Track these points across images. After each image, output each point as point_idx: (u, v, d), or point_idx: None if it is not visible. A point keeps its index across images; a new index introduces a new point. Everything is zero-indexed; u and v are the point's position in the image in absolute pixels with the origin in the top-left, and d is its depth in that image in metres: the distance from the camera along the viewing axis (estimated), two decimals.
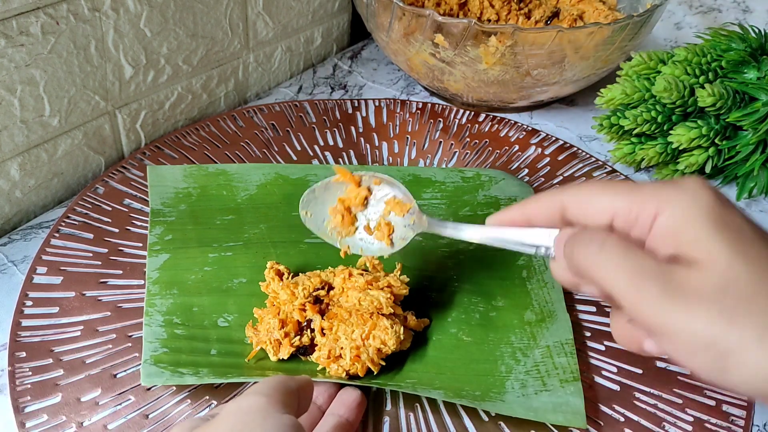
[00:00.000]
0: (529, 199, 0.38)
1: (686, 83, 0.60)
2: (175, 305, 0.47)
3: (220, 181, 0.57)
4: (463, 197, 0.58)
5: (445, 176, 0.60)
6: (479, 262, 0.53)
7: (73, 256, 0.51)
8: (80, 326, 0.47)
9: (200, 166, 0.59)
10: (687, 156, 0.62)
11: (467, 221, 0.55)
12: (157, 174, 0.57)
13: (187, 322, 0.47)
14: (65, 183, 0.59)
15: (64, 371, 0.44)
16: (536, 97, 0.69)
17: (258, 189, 0.57)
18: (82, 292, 0.49)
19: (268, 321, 0.45)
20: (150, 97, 0.62)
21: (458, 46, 0.62)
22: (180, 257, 0.51)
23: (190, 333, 0.46)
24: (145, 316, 0.46)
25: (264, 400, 0.31)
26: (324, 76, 0.77)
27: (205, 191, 0.56)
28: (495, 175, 0.61)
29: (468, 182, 0.60)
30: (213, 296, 0.49)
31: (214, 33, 0.65)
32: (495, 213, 0.39)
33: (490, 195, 0.59)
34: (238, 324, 0.47)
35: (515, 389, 0.44)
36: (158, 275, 0.49)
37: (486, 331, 0.48)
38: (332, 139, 0.65)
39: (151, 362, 0.43)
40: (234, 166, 0.59)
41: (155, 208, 0.54)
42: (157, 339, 0.45)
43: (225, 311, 0.48)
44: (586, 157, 0.64)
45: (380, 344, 0.44)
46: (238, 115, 0.66)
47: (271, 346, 0.45)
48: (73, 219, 0.54)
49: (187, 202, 0.55)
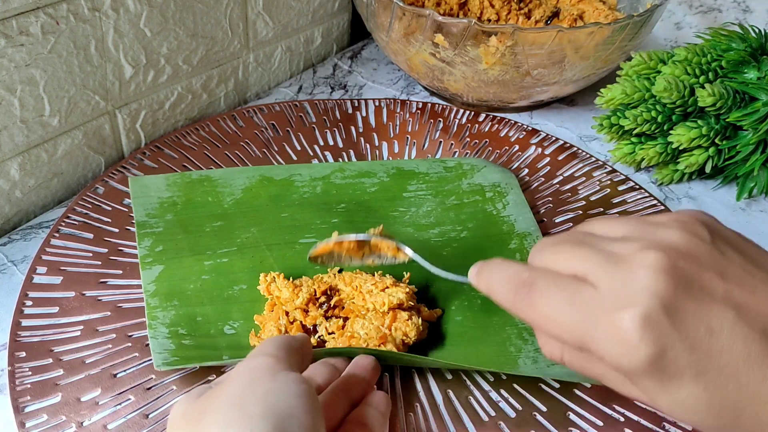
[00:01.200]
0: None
1: (686, 83, 0.60)
2: (177, 316, 0.47)
3: (205, 187, 0.57)
4: (448, 187, 0.59)
5: (428, 167, 0.61)
6: (473, 249, 0.54)
7: (73, 256, 0.51)
8: (80, 326, 0.47)
9: (183, 174, 0.58)
10: (687, 156, 0.62)
11: (454, 209, 0.57)
12: (138, 185, 0.56)
13: (193, 332, 0.46)
14: (65, 183, 0.59)
15: (64, 371, 0.44)
16: (536, 97, 0.69)
17: (243, 193, 0.57)
18: (82, 291, 0.49)
19: (270, 328, 0.45)
20: (150, 97, 0.62)
21: (458, 46, 0.62)
22: (175, 267, 0.50)
23: (198, 342, 0.46)
24: (149, 329, 0.46)
25: (271, 360, 0.31)
26: (324, 76, 0.77)
27: (190, 199, 0.56)
28: (476, 163, 0.62)
29: (450, 171, 0.60)
30: (215, 305, 0.48)
31: (214, 33, 0.65)
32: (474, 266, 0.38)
33: (474, 183, 0.59)
34: (245, 330, 0.47)
35: (528, 365, 0.45)
36: (155, 287, 0.49)
37: (489, 315, 0.48)
38: (332, 139, 0.65)
39: (164, 367, 0.44)
40: (217, 171, 0.59)
41: (141, 220, 0.53)
42: (165, 350, 0.45)
43: (230, 318, 0.48)
44: (586, 156, 0.64)
45: (402, 336, 0.45)
46: (238, 115, 0.66)
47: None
48: (73, 219, 0.54)
49: (173, 211, 0.55)
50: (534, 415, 0.44)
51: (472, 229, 0.55)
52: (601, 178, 0.62)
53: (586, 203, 0.60)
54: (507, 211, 0.57)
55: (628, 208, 0.59)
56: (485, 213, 0.57)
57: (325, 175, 0.59)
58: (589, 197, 0.60)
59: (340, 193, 0.58)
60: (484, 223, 0.56)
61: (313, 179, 0.59)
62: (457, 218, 0.56)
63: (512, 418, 0.43)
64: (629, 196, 0.60)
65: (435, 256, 0.52)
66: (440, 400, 0.44)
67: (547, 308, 0.31)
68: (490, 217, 0.56)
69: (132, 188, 0.56)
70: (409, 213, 0.57)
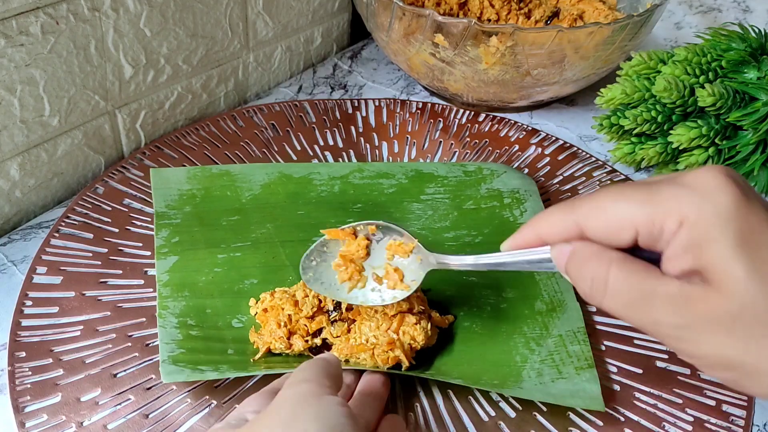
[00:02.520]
0: (539, 217, 0.36)
1: (686, 83, 0.60)
2: (188, 307, 0.47)
3: (224, 181, 0.57)
4: (466, 191, 0.59)
5: (447, 171, 0.61)
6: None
7: (72, 256, 0.51)
8: (80, 326, 0.47)
9: (203, 168, 0.59)
10: (687, 156, 0.62)
11: (471, 214, 0.56)
12: (160, 176, 0.57)
13: (201, 323, 0.47)
14: (65, 183, 0.59)
15: (64, 371, 0.44)
16: (536, 96, 0.69)
17: (262, 189, 0.57)
18: (81, 292, 0.49)
19: (272, 327, 0.45)
20: (150, 96, 0.62)
21: (458, 46, 0.63)
22: (189, 259, 0.51)
23: (205, 334, 0.46)
24: (159, 318, 0.46)
25: (314, 386, 0.34)
26: (324, 76, 0.77)
27: (209, 192, 0.56)
28: (496, 168, 0.61)
29: (470, 176, 0.60)
30: (225, 298, 0.49)
31: (214, 33, 0.65)
32: (508, 238, 0.38)
33: (492, 188, 0.59)
34: (252, 325, 0.47)
35: (532, 378, 0.45)
36: (168, 278, 0.49)
37: (498, 322, 0.48)
38: (332, 139, 0.65)
39: (169, 362, 0.43)
40: (237, 166, 0.59)
41: (160, 211, 0.54)
42: (173, 340, 0.45)
43: (239, 312, 0.48)
44: (586, 156, 0.64)
45: (410, 340, 0.44)
46: (238, 114, 0.67)
47: (280, 343, 0.45)
48: (73, 219, 0.54)
49: (191, 203, 0.55)
50: (534, 415, 0.44)
51: (488, 234, 0.55)
52: (601, 178, 0.62)
53: None
54: (524, 218, 0.57)
55: None
56: (502, 219, 0.57)
57: (344, 175, 0.59)
58: None
59: (357, 193, 0.58)
60: (500, 229, 0.55)
61: (331, 178, 0.59)
62: (473, 223, 0.56)
63: (512, 418, 0.43)
64: None
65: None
66: (440, 400, 0.44)
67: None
68: (506, 224, 0.56)
69: (153, 179, 0.57)
70: (425, 216, 0.56)
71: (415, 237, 0.45)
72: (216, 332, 0.46)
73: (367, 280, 0.45)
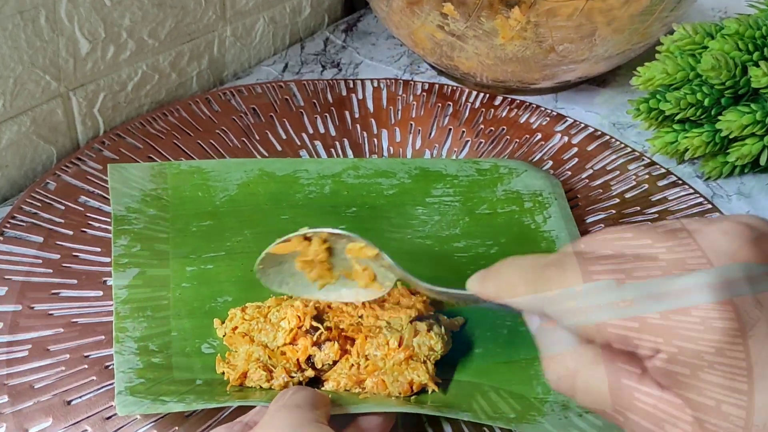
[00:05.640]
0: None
1: (737, 61, 0.60)
2: (150, 330, 0.47)
3: (195, 180, 0.57)
4: (480, 193, 0.59)
5: (457, 169, 0.60)
6: None
7: (19, 263, 0.51)
8: (28, 345, 0.47)
9: (171, 164, 0.58)
10: (738, 146, 0.62)
11: (485, 220, 0.57)
12: (119, 173, 0.56)
13: (165, 349, 0.46)
14: (10, 178, 0.59)
15: (9, 397, 0.44)
16: (562, 76, 0.69)
17: (239, 189, 0.57)
18: (30, 305, 0.49)
19: (244, 355, 0.45)
20: (110, 76, 0.62)
21: (471, 16, 0.63)
22: (152, 272, 0.50)
23: (169, 362, 0.46)
24: (116, 342, 0.46)
25: (306, 411, 0.36)
26: (314, 53, 0.77)
27: (177, 193, 0.56)
28: (515, 166, 0.61)
29: (484, 175, 0.60)
30: (194, 319, 0.48)
31: (185, 2, 0.65)
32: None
33: (511, 190, 0.59)
34: (226, 351, 0.47)
35: (556, 411, 0.44)
36: (127, 294, 0.49)
37: (516, 348, 0.48)
38: (323, 127, 0.65)
39: (126, 393, 0.43)
40: (210, 162, 0.59)
41: (119, 215, 0.54)
42: (131, 369, 0.44)
43: (210, 336, 0.47)
44: (621, 147, 0.64)
45: (428, 351, 0.44)
46: (213, 97, 0.67)
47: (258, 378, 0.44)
48: (20, 219, 0.54)
49: (156, 206, 0.55)
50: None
51: (505, 244, 0.55)
52: (637, 172, 0.62)
53: (620, 201, 0.60)
54: (548, 225, 0.56)
55: (669, 207, 0.59)
56: (522, 226, 0.56)
57: (336, 173, 0.59)
58: (624, 194, 0.60)
59: (351, 195, 0.58)
60: (519, 238, 0.55)
61: (321, 177, 0.59)
62: (487, 231, 0.56)
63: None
64: (670, 192, 0.60)
65: (457, 275, 0.52)
66: None
67: None
68: (527, 232, 0.56)
69: (111, 177, 0.56)
70: (431, 222, 0.56)
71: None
72: (183, 359, 0.46)
73: (339, 277, 0.45)
